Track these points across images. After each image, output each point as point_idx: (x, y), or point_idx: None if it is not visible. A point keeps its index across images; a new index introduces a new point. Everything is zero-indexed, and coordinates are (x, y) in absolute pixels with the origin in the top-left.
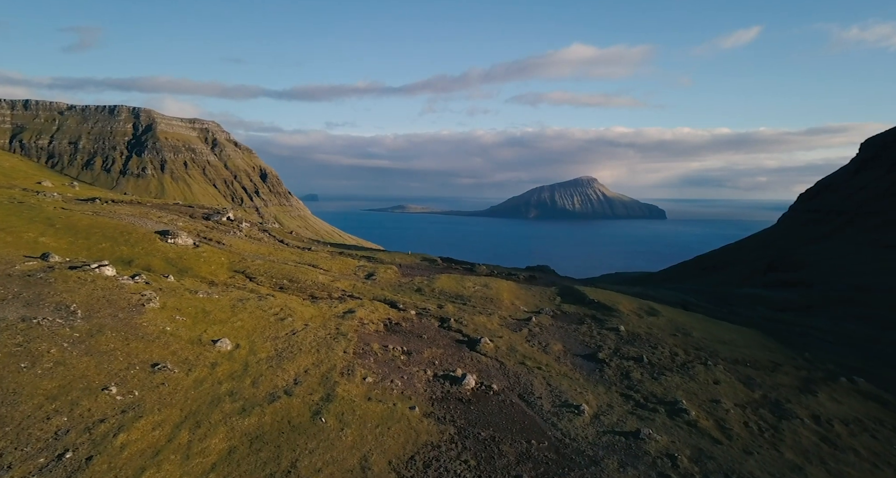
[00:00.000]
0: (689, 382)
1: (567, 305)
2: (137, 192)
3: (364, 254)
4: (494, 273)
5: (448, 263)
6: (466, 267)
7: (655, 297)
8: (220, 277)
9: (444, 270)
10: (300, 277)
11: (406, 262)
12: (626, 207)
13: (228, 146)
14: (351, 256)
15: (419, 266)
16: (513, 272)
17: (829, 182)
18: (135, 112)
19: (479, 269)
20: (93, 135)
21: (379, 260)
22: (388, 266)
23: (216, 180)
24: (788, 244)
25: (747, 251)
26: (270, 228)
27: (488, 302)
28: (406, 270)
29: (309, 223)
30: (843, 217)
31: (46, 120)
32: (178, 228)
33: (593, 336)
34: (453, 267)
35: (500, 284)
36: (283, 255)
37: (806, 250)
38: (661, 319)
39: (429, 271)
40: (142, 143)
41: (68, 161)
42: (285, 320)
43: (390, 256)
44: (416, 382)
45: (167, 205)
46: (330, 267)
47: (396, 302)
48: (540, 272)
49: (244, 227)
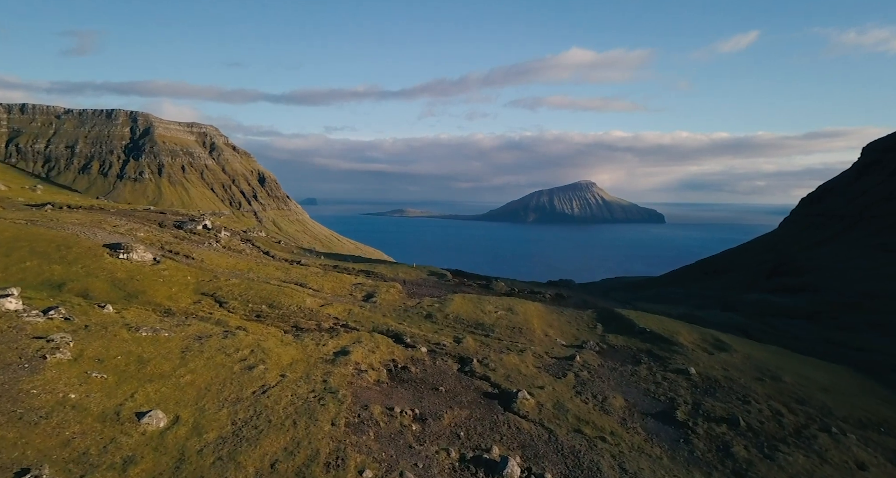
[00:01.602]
0: (820, 464)
1: (613, 337)
2: (134, 196)
3: (362, 267)
4: (515, 291)
5: (460, 278)
6: (482, 283)
7: (708, 320)
8: (181, 303)
9: (456, 287)
10: (283, 301)
11: (411, 277)
12: (624, 211)
13: (226, 150)
14: (347, 271)
15: (427, 283)
16: (536, 290)
17: (831, 186)
18: (132, 116)
19: (496, 286)
20: (90, 139)
21: (379, 275)
22: (390, 284)
23: (214, 184)
24: (791, 248)
25: (750, 255)
26: (255, 237)
27: (516, 332)
28: (412, 289)
29: (307, 228)
30: (846, 221)
31: (43, 124)
32: (137, 240)
33: (659, 382)
34: (466, 283)
35: (526, 308)
36: (267, 271)
37: (809, 255)
38: (736, 357)
39: (438, 290)
40: (139, 147)
41: (65, 165)
42: (255, 369)
43: (392, 269)
44: (435, 472)
45: (135, 211)
46: (321, 286)
47: (403, 335)
48: (565, 288)
49: (222, 236)
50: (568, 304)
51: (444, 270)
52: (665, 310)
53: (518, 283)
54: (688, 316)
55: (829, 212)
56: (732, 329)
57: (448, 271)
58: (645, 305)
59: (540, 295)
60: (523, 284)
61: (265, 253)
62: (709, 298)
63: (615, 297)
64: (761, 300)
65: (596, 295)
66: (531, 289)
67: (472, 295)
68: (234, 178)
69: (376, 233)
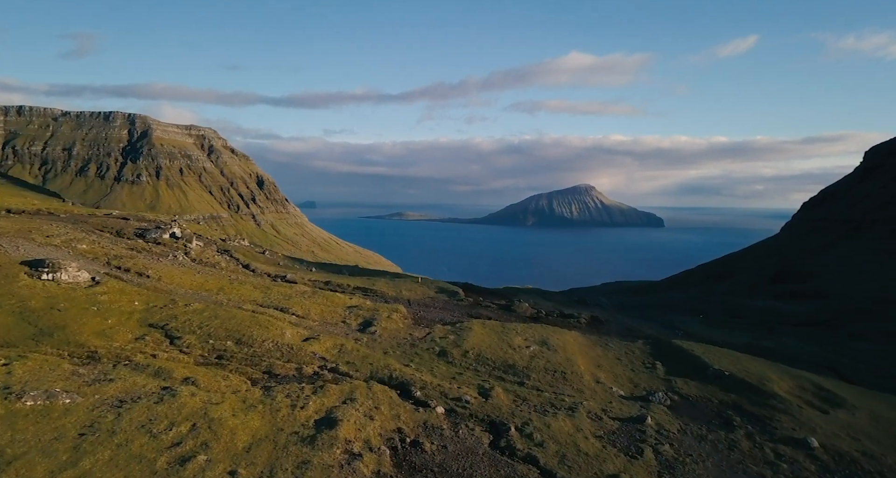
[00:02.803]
0: None
1: (682, 382)
2: (132, 199)
3: (359, 283)
4: (542, 314)
5: (474, 297)
6: (501, 303)
7: (782, 352)
8: (117, 341)
9: (471, 309)
10: (256, 335)
11: (417, 295)
12: (624, 215)
13: (225, 153)
14: (340, 288)
15: (435, 303)
16: (566, 312)
17: (833, 190)
18: (130, 118)
19: (520, 307)
20: (87, 141)
21: (379, 294)
22: (392, 307)
23: (212, 187)
24: (794, 253)
25: (752, 260)
26: (235, 246)
27: (559, 378)
28: (419, 311)
29: (306, 231)
30: (850, 226)
31: (40, 126)
32: (76, 254)
33: (773, 463)
34: (483, 303)
35: (563, 340)
36: (242, 291)
37: (814, 260)
38: (860, 417)
39: (451, 312)
40: (137, 149)
41: (62, 168)
42: (190, 464)
43: (394, 285)
44: None
45: (92, 216)
46: (307, 311)
47: (411, 384)
48: (595, 307)
49: (193, 247)
50: (609, 330)
51: (454, 286)
52: (724, 338)
53: (541, 300)
54: (756, 347)
55: (831, 216)
56: (817, 365)
57: (459, 287)
58: (697, 330)
59: (573, 319)
60: (548, 301)
61: (244, 266)
62: (713, 303)
63: (652, 316)
64: (768, 307)
65: (631, 313)
66: (559, 311)
67: (493, 322)
68: (232, 181)
69: (375, 236)
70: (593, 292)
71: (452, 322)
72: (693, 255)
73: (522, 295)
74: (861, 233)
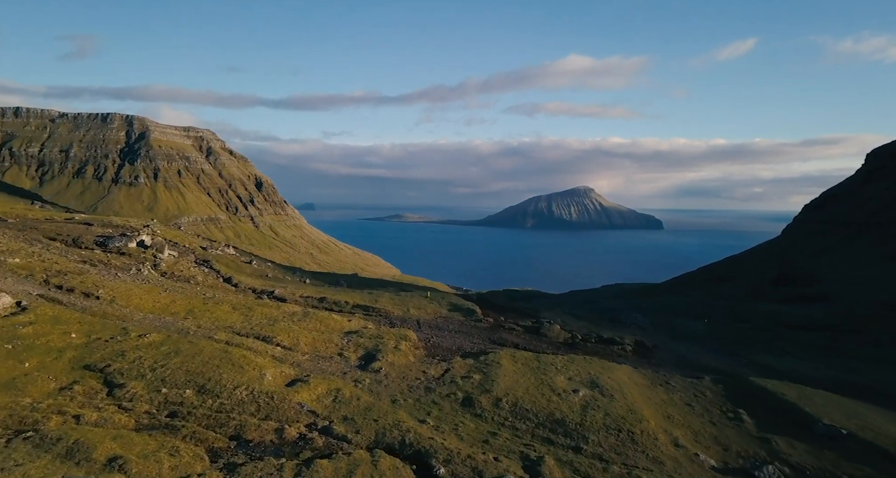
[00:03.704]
0: None
1: (786, 444)
2: (129, 201)
3: (359, 299)
4: (578, 339)
5: (493, 315)
6: (527, 325)
7: (883, 390)
8: (31, 394)
9: (492, 331)
10: (226, 379)
11: (427, 315)
12: (623, 217)
13: (223, 155)
14: (337, 306)
15: (449, 324)
16: (606, 337)
17: (835, 192)
18: (128, 120)
19: (549, 330)
20: (84, 143)
21: (383, 314)
22: (399, 332)
23: (210, 189)
24: (797, 256)
25: (754, 262)
26: (217, 255)
27: (625, 440)
28: (431, 337)
29: (304, 232)
30: (853, 228)
31: (37, 128)
32: (3, 270)
33: None
34: (505, 325)
35: (617, 379)
36: (217, 313)
37: (817, 263)
38: None
39: (470, 337)
40: (135, 151)
41: (59, 170)
42: None
43: (400, 302)
44: None
45: (49, 221)
46: (296, 339)
47: (430, 455)
48: (633, 326)
49: (165, 258)
50: (662, 360)
51: (469, 302)
52: (796, 367)
53: (570, 319)
54: (846, 384)
55: (833, 219)
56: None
57: (475, 304)
58: (765, 360)
59: (616, 346)
60: (578, 320)
61: (226, 280)
62: (716, 307)
63: (706, 339)
64: (774, 311)
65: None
66: (596, 334)
67: (524, 354)
68: (230, 182)
69: (374, 238)
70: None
71: (474, 353)
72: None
73: (546, 312)
74: (864, 236)
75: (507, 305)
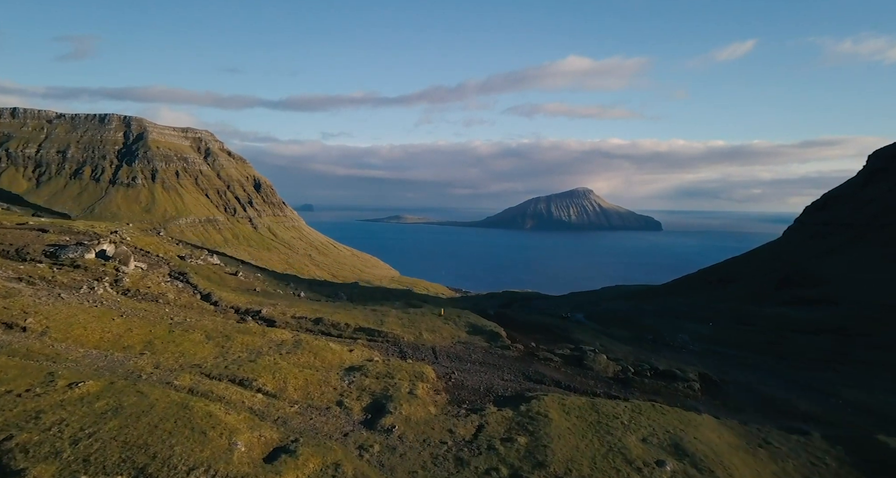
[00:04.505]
0: None
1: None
2: (127, 202)
3: (362, 318)
4: (629, 371)
5: (522, 341)
6: (564, 354)
7: None
8: None
9: (525, 363)
10: (178, 455)
11: (444, 341)
12: (622, 219)
13: (222, 156)
14: (336, 329)
15: (472, 352)
16: (662, 369)
17: (836, 194)
18: (126, 121)
19: (595, 361)
20: (82, 144)
21: (391, 339)
22: (414, 369)
23: (209, 190)
24: (799, 258)
25: (755, 264)
26: (197, 266)
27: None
28: (453, 374)
29: (303, 234)
30: (855, 230)
31: (34, 128)
32: None
33: None
34: (539, 353)
35: (705, 439)
36: (185, 345)
37: (820, 265)
38: None
39: (499, 372)
40: (132, 152)
41: (56, 170)
42: None
43: (410, 322)
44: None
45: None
46: (282, 382)
47: None
48: (683, 351)
49: (129, 271)
50: (741, 404)
51: (490, 322)
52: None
53: (609, 341)
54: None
55: (835, 220)
56: None
57: (497, 323)
58: (851, 394)
59: (680, 383)
60: (618, 342)
61: (204, 297)
62: (720, 310)
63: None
64: (779, 314)
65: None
66: (649, 364)
67: (575, 399)
68: (229, 183)
69: (374, 239)
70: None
71: (511, 398)
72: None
73: (577, 331)
74: (867, 237)
75: (531, 322)
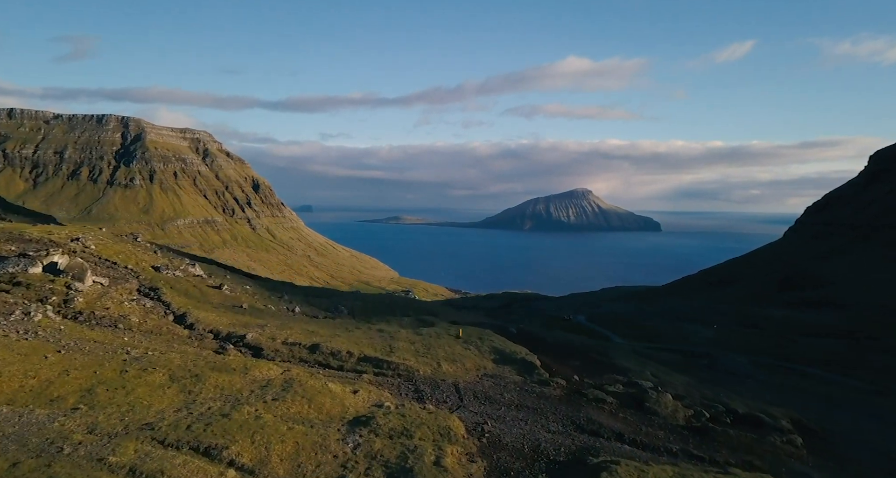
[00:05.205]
0: None
1: None
2: (125, 203)
3: (368, 345)
4: (702, 416)
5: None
6: (617, 391)
7: None
8: None
9: (571, 406)
10: None
11: (467, 373)
12: (621, 219)
13: (220, 156)
14: (336, 359)
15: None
16: (743, 413)
17: (838, 195)
18: (124, 121)
19: (660, 403)
20: (79, 144)
21: (403, 373)
22: (438, 422)
23: (207, 191)
24: (800, 259)
25: (756, 266)
26: (174, 279)
27: None
28: (486, 425)
29: (302, 235)
30: (858, 231)
31: (31, 129)
32: None
33: None
34: (587, 390)
35: None
36: (138, 393)
37: (823, 266)
38: None
39: (543, 419)
40: (130, 152)
41: (53, 171)
42: None
43: (425, 347)
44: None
45: None
46: (265, 448)
47: None
48: (746, 378)
49: (84, 289)
50: (866, 469)
51: (521, 349)
52: None
53: (661, 368)
54: None
55: (837, 221)
56: None
57: (524, 346)
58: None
59: (777, 436)
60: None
61: (178, 319)
62: (723, 313)
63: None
64: (786, 317)
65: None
66: (725, 406)
67: (658, 470)
68: (227, 184)
69: (373, 240)
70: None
71: (567, 464)
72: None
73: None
74: (869, 238)
75: (562, 342)
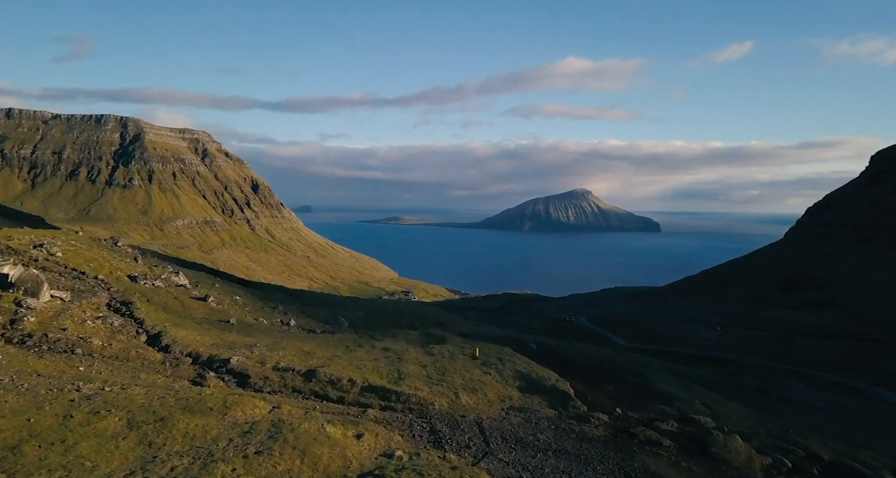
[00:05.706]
0: None
1: None
2: (123, 203)
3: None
4: (786, 466)
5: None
6: (671, 429)
7: None
8: None
9: (621, 449)
10: None
11: (493, 406)
12: (620, 220)
13: (219, 157)
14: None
15: (539, 432)
16: (830, 461)
17: (838, 195)
18: (122, 122)
19: (728, 448)
20: (78, 145)
21: (416, 408)
22: (462, 476)
23: (206, 191)
24: (801, 260)
25: (757, 267)
26: (151, 289)
27: None
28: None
29: (301, 235)
30: (859, 232)
31: (30, 129)
32: None
33: None
34: (635, 429)
35: None
36: (80, 450)
37: (824, 267)
38: None
39: (591, 473)
40: (129, 153)
41: (51, 172)
42: None
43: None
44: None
45: None
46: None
47: None
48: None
49: (37, 306)
50: None
51: (549, 374)
52: None
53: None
54: None
55: (838, 222)
56: None
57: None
58: None
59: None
60: (712, 393)
61: (151, 339)
62: (725, 315)
63: None
64: (790, 319)
65: None
66: (799, 446)
67: None
68: (226, 185)
69: (372, 240)
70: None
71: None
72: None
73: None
74: (871, 239)
75: (588, 359)
